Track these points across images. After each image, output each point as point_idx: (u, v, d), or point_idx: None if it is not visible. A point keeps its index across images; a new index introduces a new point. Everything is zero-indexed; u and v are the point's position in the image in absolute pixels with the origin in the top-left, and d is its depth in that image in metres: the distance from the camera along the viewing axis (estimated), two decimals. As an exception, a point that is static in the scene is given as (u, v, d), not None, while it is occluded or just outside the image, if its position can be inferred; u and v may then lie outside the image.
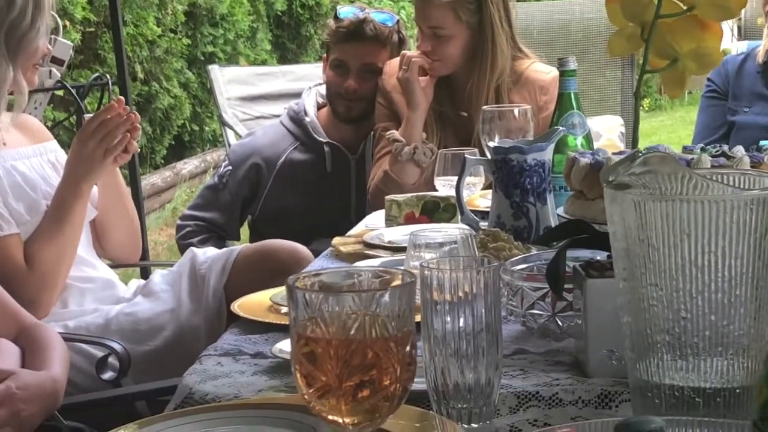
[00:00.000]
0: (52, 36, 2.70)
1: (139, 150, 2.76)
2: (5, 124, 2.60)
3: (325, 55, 3.59)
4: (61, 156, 2.73)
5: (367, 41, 3.43)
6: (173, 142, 8.32)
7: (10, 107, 2.60)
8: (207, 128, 8.70)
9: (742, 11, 1.54)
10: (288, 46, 10.47)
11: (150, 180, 7.50)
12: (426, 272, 1.41)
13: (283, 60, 10.31)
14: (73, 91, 3.30)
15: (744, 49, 3.57)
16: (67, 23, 6.55)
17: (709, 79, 3.50)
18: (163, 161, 8.16)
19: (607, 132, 3.63)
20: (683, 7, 1.47)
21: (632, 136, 1.52)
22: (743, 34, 12.43)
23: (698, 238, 1.17)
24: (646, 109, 11.15)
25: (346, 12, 3.48)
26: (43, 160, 2.69)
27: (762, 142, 2.07)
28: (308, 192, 3.53)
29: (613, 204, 1.23)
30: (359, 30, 3.42)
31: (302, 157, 3.55)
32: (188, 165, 8.31)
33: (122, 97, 2.67)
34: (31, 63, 2.55)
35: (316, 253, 2.59)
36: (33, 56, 2.54)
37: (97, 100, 3.58)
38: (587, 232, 1.57)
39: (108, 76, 3.42)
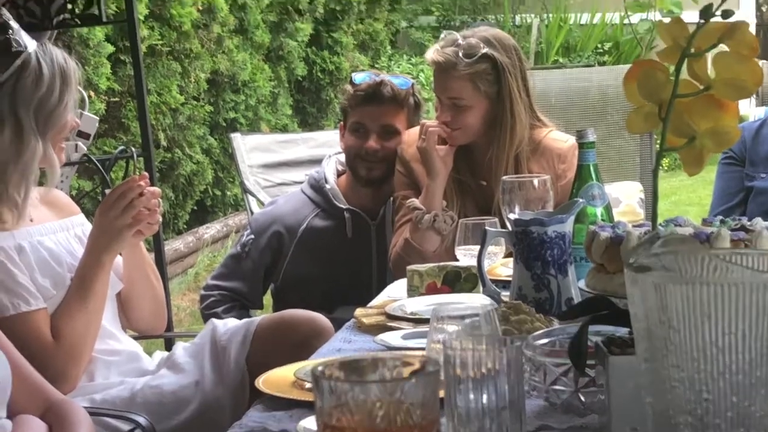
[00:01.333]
0: (79, 110, 2.74)
1: (161, 221, 2.78)
2: (34, 200, 2.63)
3: (341, 122, 3.62)
4: (87, 229, 2.74)
5: (385, 103, 3.46)
6: (195, 208, 8.35)
7: (40, 183, 2.64)
8: (229, 193, 8.73)
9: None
10: (308, 110, 10.53)
11: (173, 245, 7.52)
12: (449, 351, 1.42)
13: (304, 124, 10.36)
14: (99, 164, 3.33)
15: (762, 115, 3.58)
16: (92, 93, 6.61)
17: None
18: (185, 226, 8.18)
19: (626, 198, 3.64)
20: (700, 87, 1.49)
21: (652, 213, 1.53)
22: (761, 100, 12.47)
23: (719, 320, 1.18)
24: (666, 168, 11.14)
25: (362, 77, 3.52)
26: (69, 234, 2.71)
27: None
28: (330, 258, 3.54)
29: (634, 286, 1.24)
30: (377, 92, 3.46)
31: (323, 224, 3.57)
32: (210, 230, 8.33)
33: (146, 173, 2.69)
34: (60, 138, 2.59)
35: (340, 322, 2.59)
36: (62, 131, 2.58)
37: (122, 169, 3.60)
38: (609, 309, 1.58)
39: (132, 149, 3.45)
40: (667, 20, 1.51)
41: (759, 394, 1.19)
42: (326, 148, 4.06)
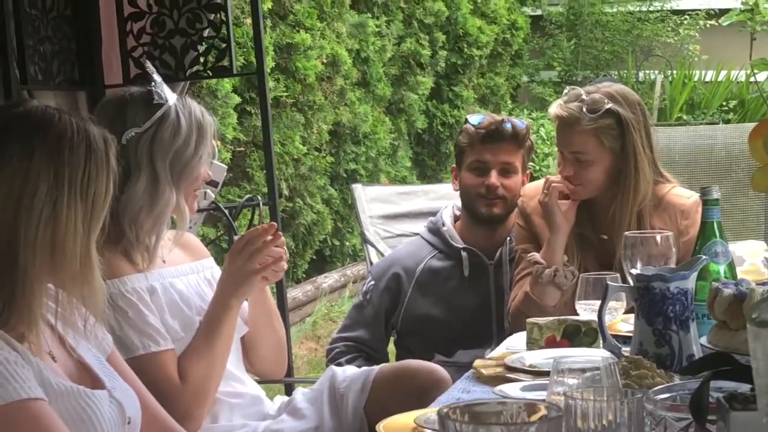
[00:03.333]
0: (210, 159, 2.82)
1: (286, 267, 2.83)
2: (167, 242, 2.70)
3: (454, 165, 3.64)
4: (217, 272, 2.79)
5: (506, 141, 3.49)
6: (314, 257, 8.43)
7: (172, 226, 2.72)
8: (347, 243, 8.81)
9: None
10: (428, 163, 10.59)
11: (291, 294, 7.59)
12: (570, 401, 1.45)
13: (423, 176, 10.42)
14: (226, 212, 3.41)
15: None
16: (219, 143, 6.77)
17: None
18: (304, 275, 8.27)
19: (750, 257, 3.59)
20: (826, 146, 1.50)
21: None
22: None
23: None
24: (791, 228, 10.92)
25: (479, 118, 3.56)
26: (199, 277, 2.76)
27: None
28: (448, 299, 3.55)
29: (757, 341, 1.25)
30: (499, 130, 3.49)
31: (441, 264, 3.59)
32: (329, 279, 8.40)
33: (274, 223, 2.74)
34: (193, 188, 2.66)
35: (459, 367, 2.59)
36: (195, 182, 2.65)
37: (247, 217, 3.69)
38: (731, 365, 1.58)
39: (258, 197, 3.52)
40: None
41: None
42: (445, 200, 4.07)
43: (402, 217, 4.34)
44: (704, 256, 2.25)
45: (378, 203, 4.34)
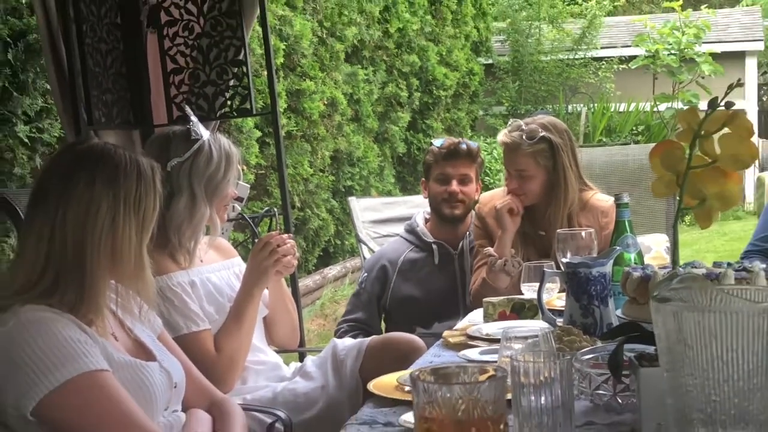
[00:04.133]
0: (237, 181, 2.81)
1: (297, 263, 2.81)
2: (204, 245, 2.69)
3: (423, 179, 3.62)
4: (243, 268, 2.75)
5: (462, 157, 3.48)
6: (321, 254, 8.43)
7: (207, 233, 2.70)
8: (347, 242, 8.81)
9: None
10: (408, 179, 10.60)
11: (304, 282, 7.59)
12: (515, 363, 1.44)
13: (404, 189, 10.42)
14: (250, 221, 3.40)
15: None
16: (245, 167, 6.76)
17: None
18: (313, 268, 8.27)
19: (656, 246, 3.58)
20: (709, 161, 1.50)
21: (672, 257, 1.53)
22: (761, 167, 12.19)
23: (723, 340, 1.18)
24: (687, 224, 10.91)
25: (442, 140, 3.56)
26: (230, 272, 2.74)
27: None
28: (424, 282, 3.54)
29: (657, 313, 1.25)
30: (457, 149, 3.48)
31: (417, 256, 3.58)
32: (332, 270, 8.40)
33: (286, 232, 2.72)
34: (223, 204, 2.64)
35: (437, 336, 2.56)
36: (224, 200, 2.63)
37: (266, 224, 3.67)
38: (640, 332, 1.58)
39: (275, 209, 3.51)
40: (684, 108, 1.53)
41: (756, 396, 1.19)
42: (419, 208, 4.08)
43: (387, 221, 4.33)
44: (618, 247, 2.24)
45: (369, 211, 4.34)
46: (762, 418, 1.18)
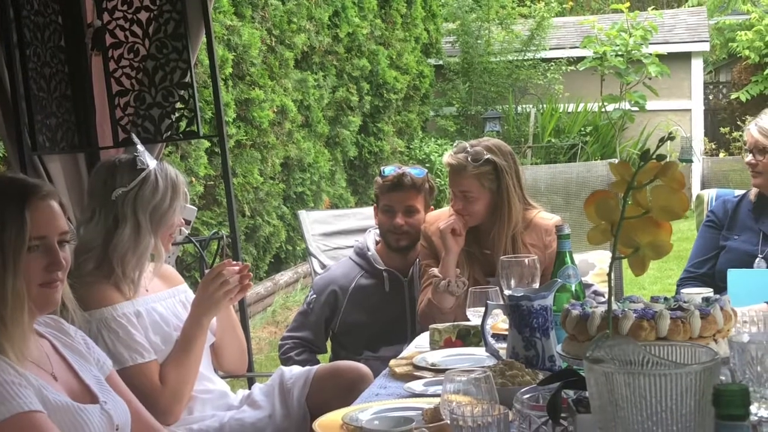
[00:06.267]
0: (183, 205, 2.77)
1: (252, 288, 2.76)
2: (149, 274, 2.66)
3: (375, 204, 3.62)
4: (190, 296, 2.74)
5: (407, 189, 3.46)
6: (273, 260, 8.41)
7: (152, 259, 2.68)
8: (298, 248, 8.80)
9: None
10: (359, 183, 10.61)
11: (255, 290, 7.57)
12: (454, 413, 1.46)
13: (356, 193, 10.43)
14: (197, 244, 3.38)
15: (741, 192, 3.47)
16: (193, 179, 6.71)
17: (711, 212, 3.43)
18: (265, 275, 8.24)
19: (599, 263, 3.65)
20: (641, 211, 1.52)
21: (608, 303, 1.56)
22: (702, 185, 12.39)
23: (653, 400, 1.21)
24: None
25: (389, 170, 3.52)
26: (175, 300, 2.72)
27: (710, 296, 2.06)
28: (374, 309, 3.53)
29: (590, 372, 1.27)
30: (400, 181, 3.45)
31: (367, 282, 3.57)
32: (284, 276, 8.38)
33: (242, 263, 2.70)
34: (168, 233, 2.63)
35: (383, 360, 2.56)
36: (170, 229, 2.62)
37: (214, 245, 3.65)
38: (577, 377, 1.61)
39: (222, 232, 3.49)
40: (615, 162, 1.55)
41: (684, 456, 1.22)
42: (370, 220, 4.05)
43: (337, 234, 4.31)
44: (559, 280, 2.27)
45: (318, 224, 4.31)
46: (690, 477, 1.21)
